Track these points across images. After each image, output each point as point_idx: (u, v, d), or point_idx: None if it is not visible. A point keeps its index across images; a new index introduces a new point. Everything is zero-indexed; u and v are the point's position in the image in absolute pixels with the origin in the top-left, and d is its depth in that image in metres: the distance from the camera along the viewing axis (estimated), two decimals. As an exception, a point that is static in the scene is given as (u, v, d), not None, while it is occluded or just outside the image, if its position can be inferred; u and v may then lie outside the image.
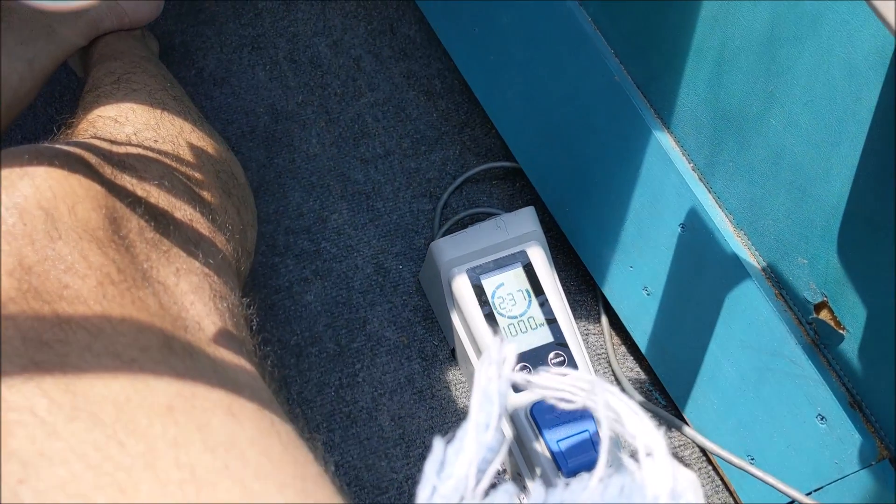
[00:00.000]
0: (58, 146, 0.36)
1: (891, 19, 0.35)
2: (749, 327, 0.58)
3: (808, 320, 0.54)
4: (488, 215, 0.79)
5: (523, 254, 0.65)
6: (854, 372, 0.53)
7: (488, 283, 0.64)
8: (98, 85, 0.52)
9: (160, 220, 0.37)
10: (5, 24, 0.59)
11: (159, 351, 0.30)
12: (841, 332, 0.51)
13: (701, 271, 0.60)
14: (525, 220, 0.66)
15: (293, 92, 0.87)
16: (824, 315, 0.52)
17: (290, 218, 0.80)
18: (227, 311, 0.36)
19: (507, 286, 0.64)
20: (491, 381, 0.27)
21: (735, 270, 0.57)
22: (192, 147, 0.46)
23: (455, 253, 0.65)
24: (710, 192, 0.59)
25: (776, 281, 0.56)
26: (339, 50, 0.89)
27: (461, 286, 0.64)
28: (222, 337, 0.34)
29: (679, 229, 0.61)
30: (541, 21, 0.68)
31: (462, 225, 0.80)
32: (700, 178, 0.59)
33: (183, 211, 0.40)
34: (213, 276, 0.37)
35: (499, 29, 0.73)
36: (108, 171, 0.37)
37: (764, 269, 0.56)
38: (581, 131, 0.68)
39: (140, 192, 0.38)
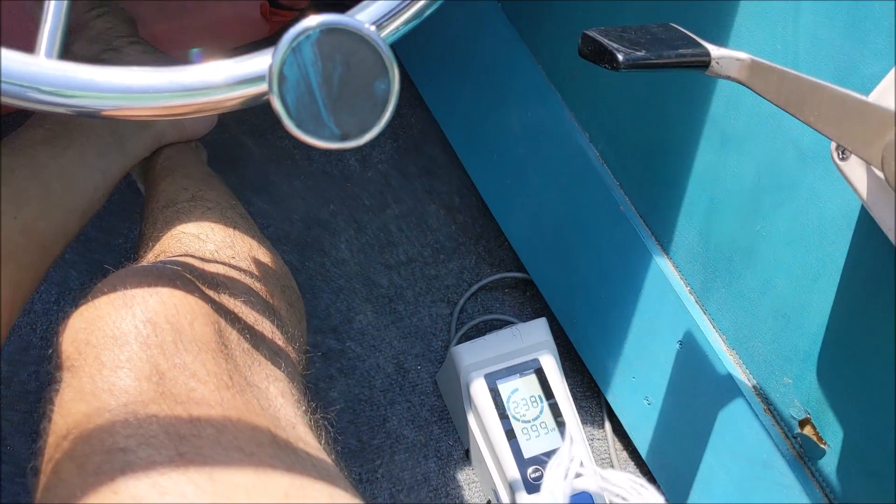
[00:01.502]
0: (170, 266, 0.43)
1: (890, 233, 0.42)
2: (741, 439, 0.63)
3: (794, 435, 0.60)
4: (501, 322, 0.86)
5: (536, 361, 0.72)
6: (834, 484, 0.58)
7: (504, 388, 0.70)
8: (175, 200, 0.58)
9: (250, 333, 0.43)
10: (85, 137, 0.66)
11: (270, 446, 0.35)
12: (823, 446, 0.57)
13: (697, 385, 0.66)
14: (538, 330, 0.73)
15: (326, 202, 0.95)
16: (808, 431, 0.58)
17: (319, 318, 0.86)
18: (305, 414, 0.42)
19: (521, 391, 0.70)
20: (561, 480, 0.33)
21: (728, 386, 0.63)
22: (261, 263, 0.53)
23: (473, 358, 0.71)
24: (705, 313, 0.66)
25: (765, 397, 0.62)
26: (368, 164, 0.98)
27: (478, 390, 0.70)
28: (308, 436, 0.39)
29: (677, 346, 0.67)
30: (553, 153, 0.77)
31: (477, 330, 0.86)
32: (696, 301, 0.66)
33: (264, 324, 0.46)
34: (291, 382, 0.43)
35: (515, 157, 0.82)
36: (210, 289, 0.43)
37: (754, 387, 0.62)
38: (587, 251, 0.76)
39: (233, 308, 0.44)
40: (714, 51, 0.45)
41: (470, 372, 0.71)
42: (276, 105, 0.30)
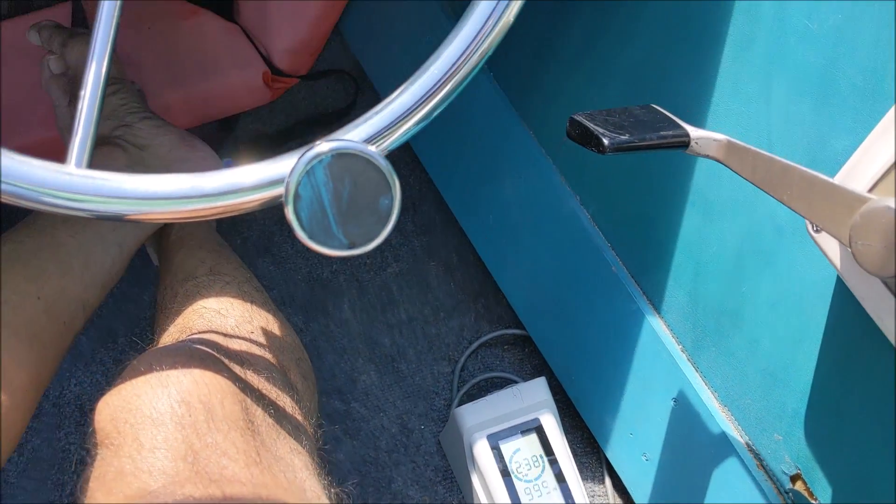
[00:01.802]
0: (199, 346, 0.45)
1: (890, 334, 0.44)
2: (736, 494, 0.65)
3: (786, 490, 0.61)
4: (501, 379, 0.88)
5: (537, 420, 0.74)
6: (831, 538, 0.59)
7: (506, 449, 0.72)
8: (194, 274, 0.61)
9: (273, 408, 0.46)
10: None
11: None
12: (814, 501, 0.59)
13: (692, 441, 0.68)
14: (538, 389, 0.75)
15: (328, 262, 0.98)
16: (799, 486, 0.60)
17: (324, 379, 0.88)
18: (326, 487, 0.44)
19: (522, 451, 0.72)
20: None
21: (722, 442, 0.65)
22: (278, 338, 0.56)
23: (476, 419, 0.73)
24: (697, 371, 0.68)
25: (757, 453, 0.64)
26: (369, 225, 1.01)
27: (481, 451, 0.72)
28: None
29: (672, 403, 0.70)
30: (547, 215, 0.80)
31: (479, 388, 0.88)
32: (688, 359, 0.68)
33: (285, 400, 0.48)
34: (311, 456, 0.45)
35: (510, 218, 0.85)
36: (235, 366, 0.46)
37: (747, 443, 0.64)
38: (582, 309, 0.78)
39: (257, 385, 0.47)
40: (693, 132, 0.49)
41: (473, 433, 0.73)
42: (292, 221, 0.34)
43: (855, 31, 0.49)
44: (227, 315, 0.55)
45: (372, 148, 0.34)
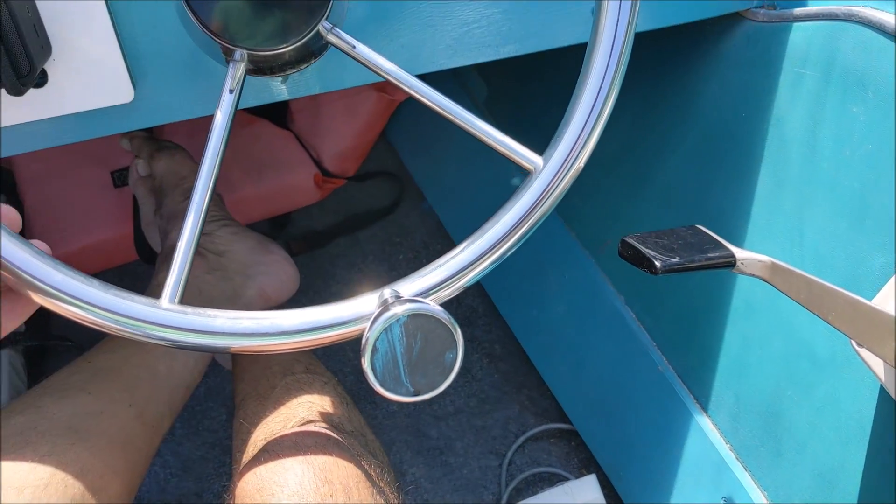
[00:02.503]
0: (324, 432, 0.49)
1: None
2: None
3: None
4: (549, 474, 0.90)
5: (587, 518, 0.75)
6: None
7: (558, 546, 0.73)
8: (292, 370, 0.65)
9: (383, 496, 0.49)
10: None
11: None
12: None
13: (745, 540, 0.69)
14: (589, 488, 0.77)
15: (375, 355, 1.01)
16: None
17: (375, 472, 0.91)
18: None
19: (574, 549, 0.73)
20: None
21: (774, 542, 0.66)
22: (371, 436, 0.60)
23: (528, 516, 0.75)
24: (746, 470, 0.70)
25: (811, 554, 0.65)
26: (414, 318, 1.05)
27: (535, 548, 0.73)
28: None
29: (721, 501, 0.71)
30: (591, 313, 0.83)
31: (526, 483, 0.90)
32: (737, 458, 0.70)
33: (388, 488, 0.52)
34: None
35: (554, 314, 0.88)
36: (356, 456, 0.50)
37: (799, 543, 0.65)
38: (629, 407, 0.81)
39: (373, 473, 0.50)
40: (738, 253, 0.52)
41: (525, 530, 0.75)
42: (367, 371, 0.38)
43: (885, 159, 0.53)
44: (332, 411, 0.59)
45: (442, 310, 0.38)
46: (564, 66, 0.81)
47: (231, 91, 0.42)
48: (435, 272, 0.42)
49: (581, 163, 0.43)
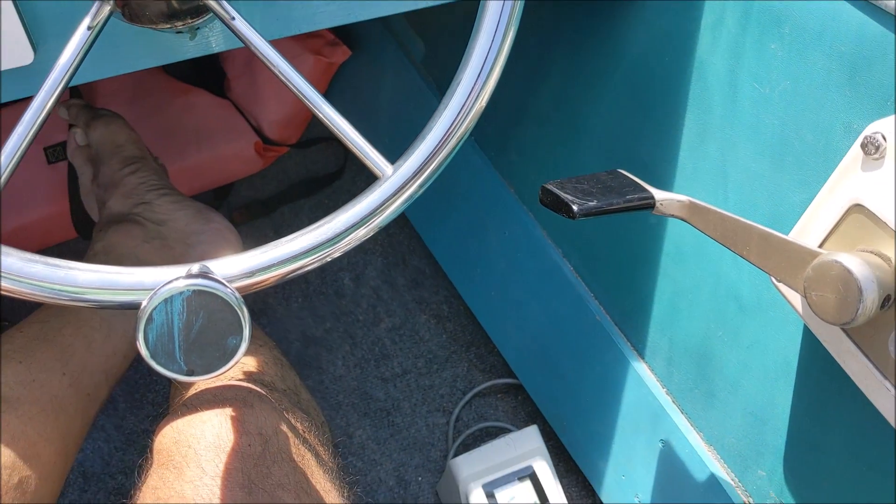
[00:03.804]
0: (249, 387, 0.49)
1: (852, 374, 0.48)
2: (728, 532, 0.67)
3: (774, 526, 0.64)
4: (495, 429, 0.90)
5: (530, 468, 0.76)
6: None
7: (501, 496, 0.74)
8: None
9: (309, 446, 0.49)
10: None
11: None
12: (800, 536, 0.61)
13: (682, 481, 0.71)
14: (531, 437, 0.77)
15: (321, 320, 1.00)
16: (784, 522, 0.62)
17: (322, 436, 0.90)
18: None
19: (518, 498, 0.74)
20: None
21: (710, 481, 0.68)
22: (305, 395, 0.60)
23: (471, 469, 0.75)
24: (682, 413, 0.71)
25: (743, 490, 0.66)
26: (361, 282, 1.04)
27: (478, 500, 0.74)
28: None
29: (660, 444, 0.72)
30: (531, 267, 0.83)
31: (473, 438, 0.90)
32: (674, 402, 0.71)
33: (317, 439, 0.51)
34: (340, 492, 0.48)
35: (497, 271, 0.88)
36: (279, 410, 0.49)
37: (733, 479, 0.67)
38: (570, 358, 0.81)
39: (297, 425, 0.50)
40: (657, 194, 0.52)
41: (469, 483, 0.75)
42: (139, 339, 0.36)
43: (802, 95, 0.53)
44: (264, 372, 0.58)
45: (232, 292, 0.36)
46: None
47: (89, 28, 0.40)
48: (255, 256, 0.40)
49: (428, 174, 0.42)
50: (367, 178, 1.13)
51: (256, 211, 1.14)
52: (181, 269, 0.39)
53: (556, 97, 0.77)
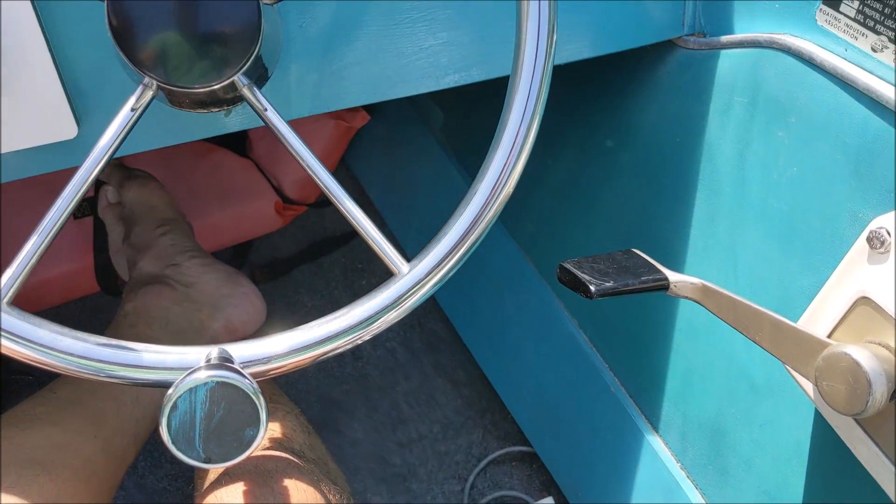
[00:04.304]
0: (285, 457, 0.50)
1: (863, 460, 0.48)
2: None
3: None
4: (510, 498, 0.90)
5: (544, 540, 0.76)
6: None
7: (515, 569, 0.73)
8: None
9: None
10: None
11: None
12: None
13: (697, 558, 0.70)
14: (544, 510, 0.77)
15: (339, 381, 1.02)
16: None
17: (337, 501, 0.91)
18: None
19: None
20: None
21: (725, 559, 0.67)
22: (332, 463, 0.60)
23: (485, 540, 0.75)
24: (696, 488, 0.71)
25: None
26: (378, 343, 1.05)
27: (492, 573, 0.73)
28: None
29: (675, 520, 0.72)
30: (547, 336, 0.84)
31: (488, 506, 0.90)
32: (688, 476, 0.71)
33: None
34: None
35: (513, 338, 0.90)
36: (319, 483, 0.50)
37: (749, 560, 0.66)
38: (585, 427, 0.82)
39: (330, 497, 0.51)
40: (671, 276, 0.54)
41: (483, 554, 0.75)
42: (162, 425, 0.37)
43: (809, 182, 0.54)
44: (293, 440, 0.59)
45: (252, 384, 0.38)
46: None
47: (132, 110, 0.42)
48: (272, 343, 0.42)
49: (444, 273, 0.44)
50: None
51: (276, 269, 1.16)
52: (201, 351, 0.40)
53: (572, 171, 0.79)
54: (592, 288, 0.52)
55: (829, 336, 0.47)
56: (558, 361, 0.83)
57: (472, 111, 0.99)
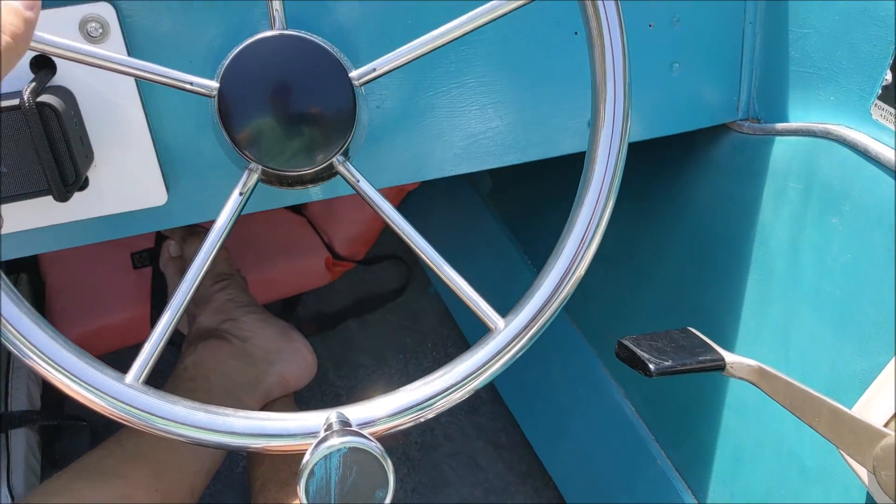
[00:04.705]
0: None
1: None
2: None
3: None
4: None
5: None
6: None
7: None
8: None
9: None
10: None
11: None
12: None
13: None
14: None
15: (380, 439, 1.03)
16: None
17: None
18: None
19: None
20: None
21: None
22: None
23: None
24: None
25: None
26: (420, 402, 1.07)
27: None
28: None
29: None
30: (593, 404, 0.85)
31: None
32: (735, 555, 0.71)
33: None
34: None
35: (557, 404, 0.90)
36: None
37: None
38: (629, 499, 0.82)
39: None
40: (728, 357, 0.55)
41: None
42: (301, 491, 0.40)
43: (863, 270, 0.56)
44: None
45: (379, 447, 0.40)
46: (564, 168, 0.86)
47: (241, 194, 0.46)
48: (382, 405, 0.44)
49: (538, 327, 0.46)
50: (430, 299, 1.18)
51: (324, 323, 1.19)
52: (319, 416, 0.43)
53: (623, 243, 0.81)
54: (652, 366, 0.53)
55: (886, 425, 0.48)
56: (603, 429, 0.84)
57: (521, 179, 1.03)
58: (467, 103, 0.58)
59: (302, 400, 1.06)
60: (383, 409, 0.44)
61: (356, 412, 0.44)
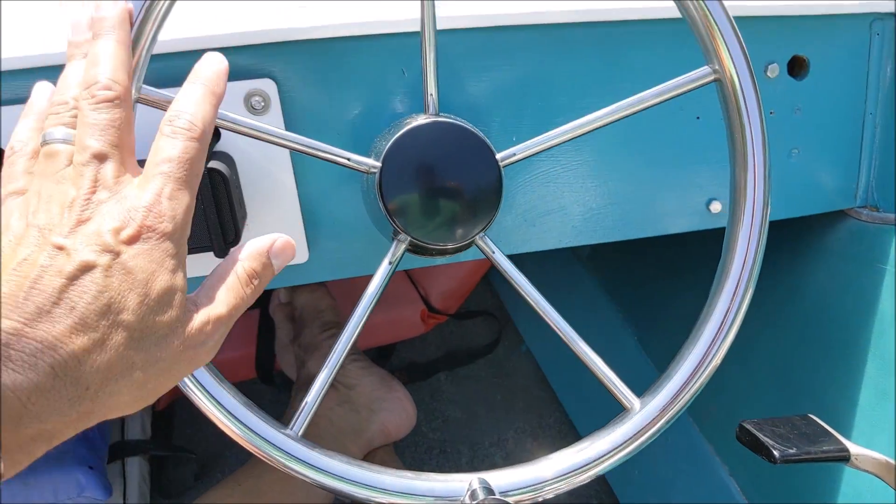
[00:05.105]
0: None
1: None
2: None
3: None
4: None
5: None
6: None
7: None
8: None
9: None
10: None
11: None
12: None
13: None
14: None
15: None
16: None
17: None
18: None
19: None
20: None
21: None
22: None
23: None
24: None
25: None
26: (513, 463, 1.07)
27: None
28: None
29: None
30: (695, 479, 0.84)
31: None
32: None
33: None
34: None
35: (656, 478, 0.89)
36: None
37: None
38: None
39: None
40: (852, 448, 0.55)
41: None
42: None
43: None
44: None
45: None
46: (666, 241, 0.87)
47: (390, 263, 0.49)
48: (524, 471, 0.46)
49: (675, 411, 0.47)
50: (522, 357, 1.19)
51: (416, 374, 1.22)
52: (463, 479, 0.45)
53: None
54: (776, 453, 0.53)
55: None
56: (703, 506, 0.82)
57: (622, 248, 1.04)
58: (588, 178, 0.60)
59: (398, 449, 1.08)
60: (519, 478, 0.46)
61: (496, 479, 0.46)
